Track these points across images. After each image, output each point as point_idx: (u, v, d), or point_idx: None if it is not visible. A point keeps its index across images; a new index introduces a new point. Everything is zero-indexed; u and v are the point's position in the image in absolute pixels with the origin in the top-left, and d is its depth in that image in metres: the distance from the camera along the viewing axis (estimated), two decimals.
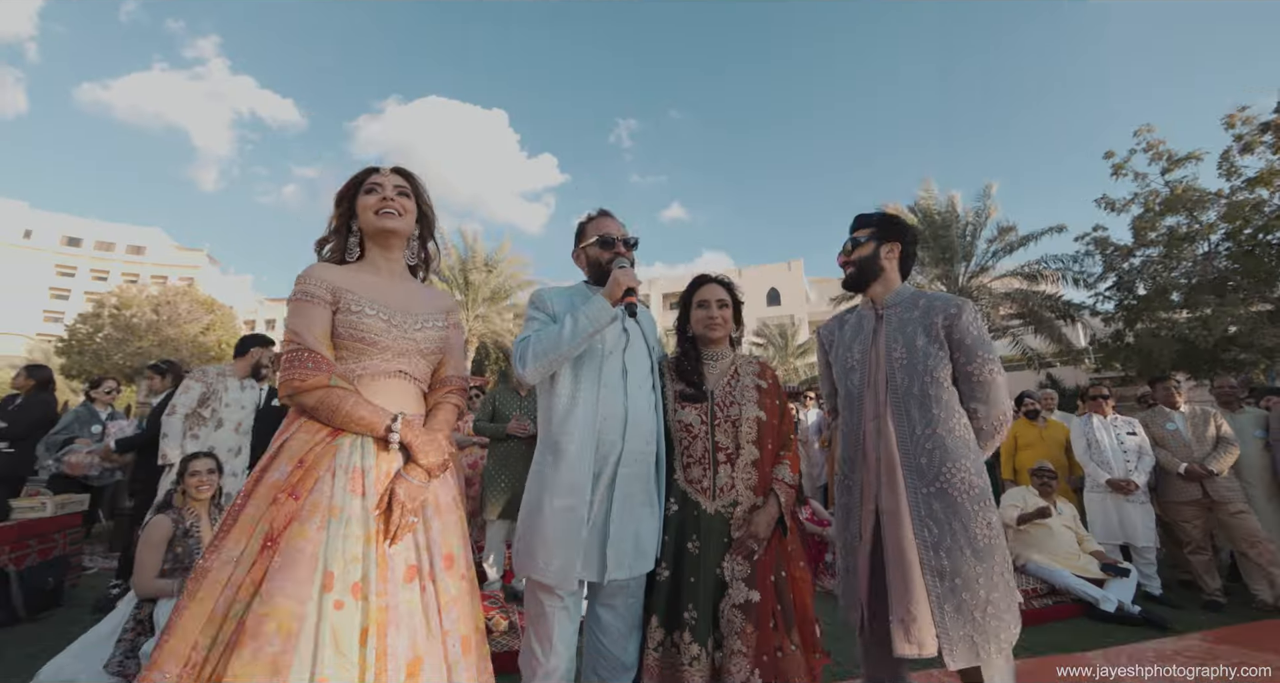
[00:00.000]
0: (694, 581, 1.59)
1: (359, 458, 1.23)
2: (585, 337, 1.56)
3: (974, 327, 1.68)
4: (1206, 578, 3.65)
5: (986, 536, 1.57)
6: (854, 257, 1.86)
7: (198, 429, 3.29)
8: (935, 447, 1.61)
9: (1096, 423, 4.13)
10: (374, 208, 1.41)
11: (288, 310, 1.33)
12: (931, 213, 14.00)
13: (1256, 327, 9.37)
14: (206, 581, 1.07)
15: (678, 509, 1.69)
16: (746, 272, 38.78)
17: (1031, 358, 14.32)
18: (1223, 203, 10.43)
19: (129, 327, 17.87)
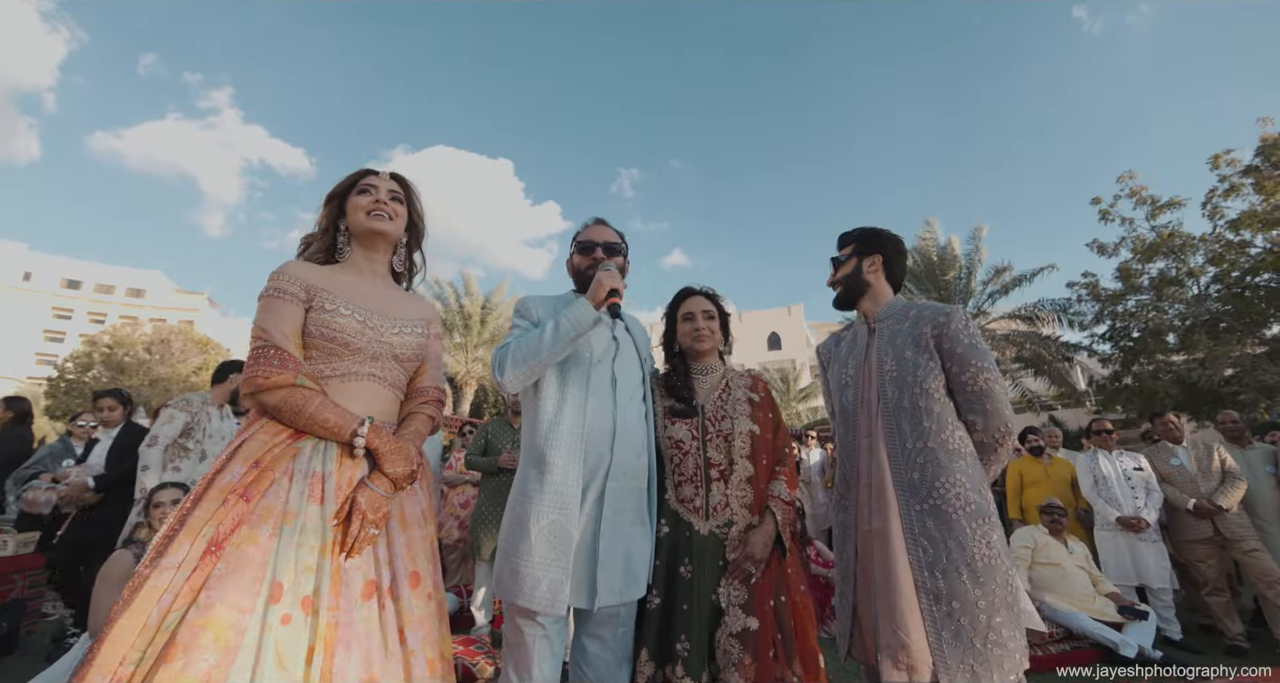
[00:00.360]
0: (687, 608, 1.48)
1: (320, 463, 1.16)
2: (567, 340, 1.49)
3: (964, 334, 1.61)
4: (1227, 621, 3.49)
5: (986, 555, 1.45)
6: (838, 276, 1.85)
7: (179, 461, 3.15)
8: (927, 461, 1.52)
9: (1102, 458, 4.07)
10: (365, 208, 1.39)
11: (258, 307, 1.28)
12: (930, 254, 14.19)
13: (1254, 366, 9.40)
14: (144, 589, 0.97)
15: (669, 531, 1.59)
16: (747, 316, 39.13)
17: (1033, 400, 14.24)
18: (1209, 246, 10.63)
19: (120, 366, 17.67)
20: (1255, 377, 9.33)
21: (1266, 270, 9.90)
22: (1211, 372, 9.66)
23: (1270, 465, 3.94)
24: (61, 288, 56.26)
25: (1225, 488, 3.66)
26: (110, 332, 18.95)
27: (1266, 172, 9.91)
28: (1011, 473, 4.67)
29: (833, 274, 1.88)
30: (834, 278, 1.87)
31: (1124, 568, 3.78)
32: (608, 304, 1.50)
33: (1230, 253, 10.31)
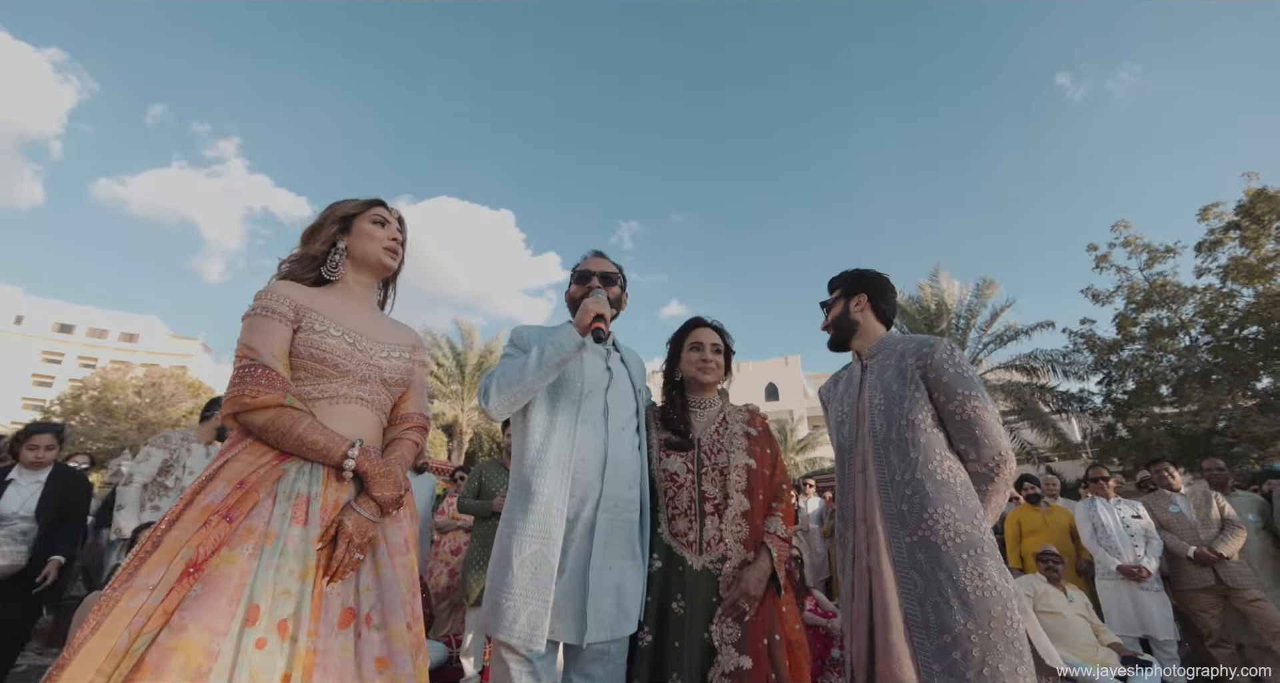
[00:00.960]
0: (679, 645, 1.45)
1: (305, 485, 1.13)
2: (552, 365, 1.49)
3: (949, 364, 1.60)
4: (1231, 670, 3.44)
5: (979, 587, 1.39)
6: (829, 319, 1.89)
7: (159, 500, 3.08)
8: (914, 492, 1.50)
9: (1100, 506, 4.07)
10: (383, 242, 1.41)
11: (243, 326, 1.24)
12: (928, 306, 14.40)
13: (1245, 418, 9.47)
14: (115, 610, 0.92)
15: (661, 566, 1.56)
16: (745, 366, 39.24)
17: (1030, 452, 14.17)
18: (1198, 297, 10.84)
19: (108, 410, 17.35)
20: (1246, 428, 9.40)
21: (1253, 322, 10.10)
22: (1204, 423, 9.71)
23: (1254, 513, 3.96)
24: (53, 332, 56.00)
25: (1225, 536, 3.67)
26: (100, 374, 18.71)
27: (1249, 226, 10.22)
28: (1010, 522, 4.64)
29: (825, 319, 1.93)
30: (826, 322, 1.92)
31: (1127, 618, 3.73)
32: (593, 329, 1.50)
33: (1219, 304, 10.52)
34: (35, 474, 2.88)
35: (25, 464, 2.87)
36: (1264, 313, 9.83)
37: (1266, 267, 9.99)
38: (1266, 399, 9.93)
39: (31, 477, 2.86)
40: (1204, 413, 9.80)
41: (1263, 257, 10.05)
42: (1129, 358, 11.62)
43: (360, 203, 1.45)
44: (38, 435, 2.93)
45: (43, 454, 2.90)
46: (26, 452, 2.86)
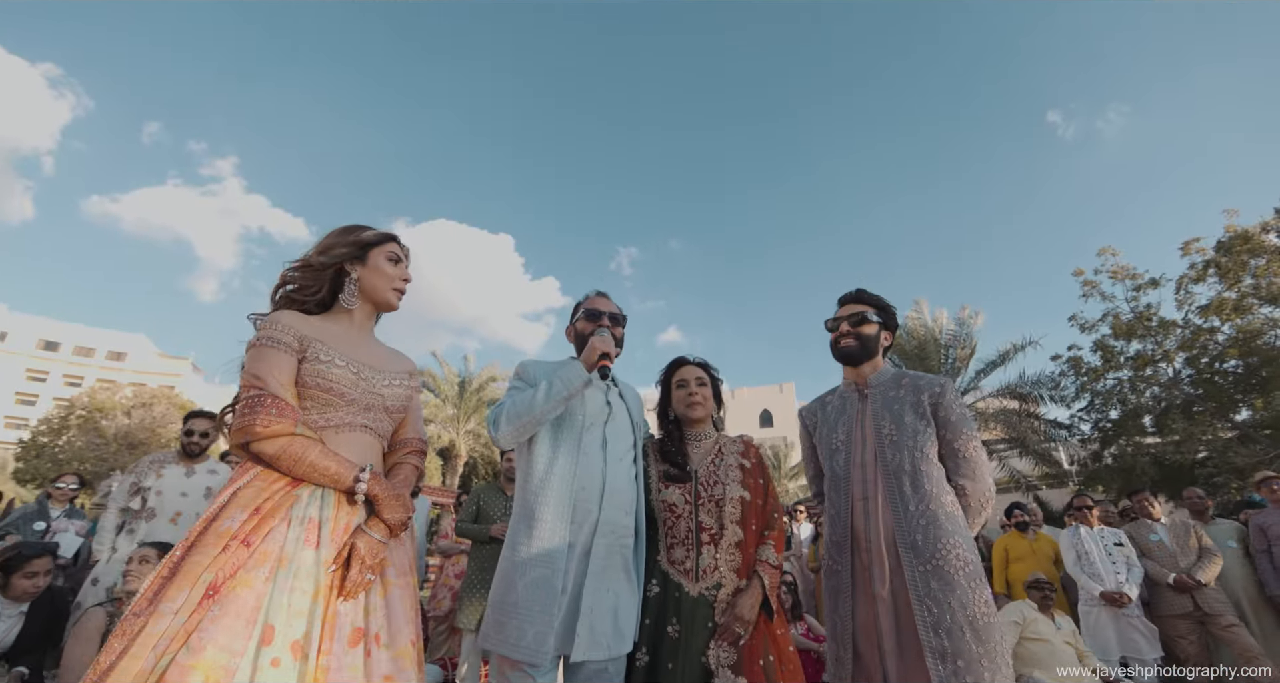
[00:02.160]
0: (672, 667, 1.52)
1: (317, 509, 1.18)
2: (559, 399, 1.57)
3: (957, 404, 1.72)
4: None
5: (985, 614, 1.52)
6: (860, 331, 1.86)
7: (134, 523, 3.04)
8: (929, 523, 1.59)
9: (1084, 534, 4.20)
10: (394, 281, 1.46)
11: (248, 356, 1.27)
12: (918, 334, 14.57)
13: (1226, 448, 9.68)
14: (141, 635, 0.97)
15: (659, 591, 1.64)
16: (739, 393, 39.42)
17: (1019, 480, 14.25)
18: (1180, 332, 11.07)
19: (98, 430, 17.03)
20: (1227, 459, 9.59)
21: (1232, 356, 10.32)
22: (1187, 453, 9.90)
23: (1234, 540, 4.12)
24: (38, 349, 55.13)
25: (1203, 563, 3.82)
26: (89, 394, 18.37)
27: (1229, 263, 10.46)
28: (997, 548, 4.76)
29: (850, 327, 1.87)
30: (855, 330, 1.86)
31: (1107, 643, 3.85)
32: (599, 366, 1.57)
33: (1200, 339, 10.75)
34: (17, 606, 2.43)
35: (14, 596, 2.41)
36: (1242, 347, 10.08)
37: (1244, 302, 10.28)
38: (1246, 431, 10.16)
39: (13, 608, 2.42)
40: (1186, 443, 10.00)
41: (1242, 293, 10.34)
42: (1113, 386, 11.82)
43: (378, 234, 1.48)
44: (36, 559, 2.53)
45: (40, 581, 2.52)
46: (22, 580, 2.42)
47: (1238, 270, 10.38)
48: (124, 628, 1.00)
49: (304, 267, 1.41)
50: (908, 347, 14.63)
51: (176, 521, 3.09)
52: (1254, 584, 3.96)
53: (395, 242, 1.50)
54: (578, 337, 1.85)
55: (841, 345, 1.89)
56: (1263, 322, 10.10)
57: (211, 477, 3.31)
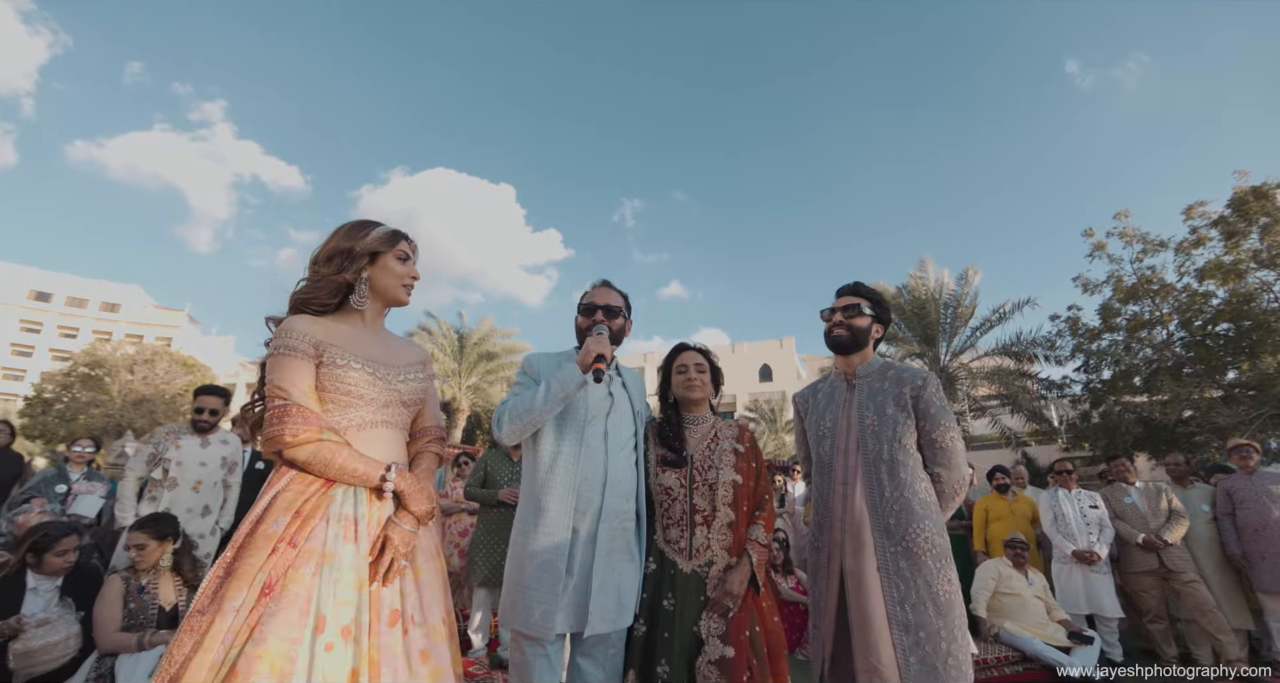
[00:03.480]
0: (668, 636, 1.66)
1: (351, 507, 1.27)
2: (557, 400, 1.67)
3: (937, 397, 1.84)
4: (1164, 646, 3.90)
5: (948, 592, 1.68)
6: (852, 322, 1.96)
7: (155, 491, 3.21)
8: (902, 509, 1.73)
9: (1062, 497, 4.42)
10: (403, 279, 1.49)
11: (269, 364, 1.32)
12: (919, 294, 14.61)
13: (1210, 409, 9.92)
14: (210, 631, 1.08)
15: (656, 568, 1.78)
16: (739, 348, 39.63)
17: (1009, 437, 14.58)
18: (1175, 295, 11.16)
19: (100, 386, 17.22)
20: (1210, 419, 9.83)
21: (1225, 320, 10.44)
22: (1171, 413, 10.13)
23: (1206, 504, 4.33)
24: (30, 300, 54.70)
25: (1171, 525, 4.06)
26: (90, 350, 18.43)
27: (1233, 223, 10.46)
28: (978, 509, 5.00)
29: (847, 316, 1.97)
30: (847, 321, 1.96)
31: (1076, 597, 4.14)
32: (593, 369, 1.64)
33: (1194, 303, 10.84)
34: (52, 580, 2.58)
35: (47, 572, 2.54)
36: (1235, 311, 10.17)
37: (1241, 267, 10.29)
38: (1230, 392, 10.38)
39: (49, 582, 2.56)
40: (1172, 404, 10.22)
41: (1238, 258, 10.32)
42: (1108, 347, 11.98)
43: (387, 236, 1.48)
44: (64, 539, 2.59)
45: (69, 558, 2.62)
46: (54, 559, 2.54)
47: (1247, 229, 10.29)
48: (191, 625, 1.11)
49: (321, 283, 1.43)
50: (908, 306, 14.66)
51: (199, 488, 3.26)
52: (1218, 545, 4.20)
53: (404, 239, 1.51)
54: (578, 330, 1.94)
55: (834, 334, 1.99)
56: (1257, 285, 10.14)
57: (225, 447, 3.46)
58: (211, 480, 3.33)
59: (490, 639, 3.89)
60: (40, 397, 18.03)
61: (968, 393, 13.99)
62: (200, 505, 3.27)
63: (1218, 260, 10.58)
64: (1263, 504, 4.00)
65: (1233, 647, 3.68)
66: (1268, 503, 3.98)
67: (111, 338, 56.41)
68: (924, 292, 14.62)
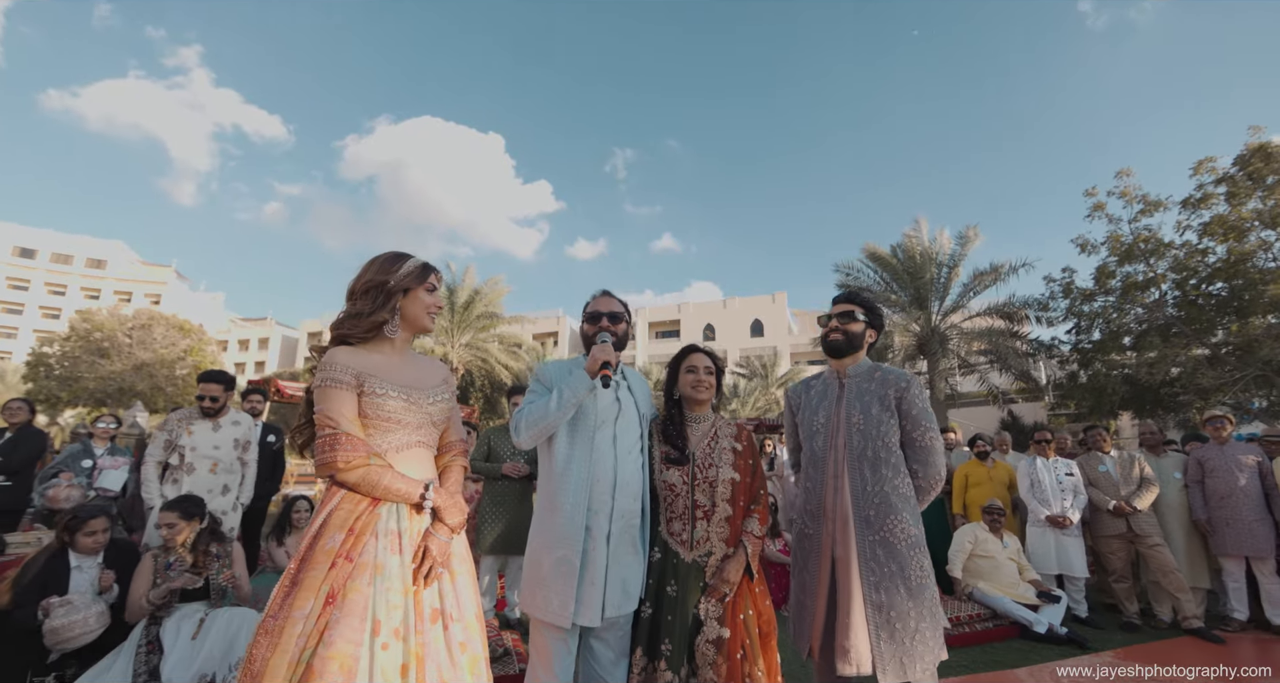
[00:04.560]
0: (671, 619, 1.81)
1: (395, 522, 1.43)
2: (568, 407, 1.80)
3: (919, 399, 1.95)
4: (1126, 603, 4.15)
5: (919, 577, 1.83)
6: (848, 328, 2.06)
7: (177, 474, 3.35)
8: (881, 502, 1.87)
9: (1040, 465, 4.59)
10: (430, 308, 1.63)
11: (316, 394, 1.46)
12: (914, 253, 14.52)
13: (1196, 370, 10.09)
14: (285, 634, 1.26)
15: (660, 557, 1.91)
16: (731, 303, 39.56)
17: (996, 395, 14.84)
18: (1173, 253, 11.14)
19: (102, 351, 17.36)
20: (1195, 380, 10.01)
21: (1220, 279, 10.46)
22: (1158, 373, 10.29)
23: (1178, 472, 4.52)
24: (14, 256, 53.71)
25: (1141, 492, 4.24)
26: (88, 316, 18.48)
27: (1240, 181, 10.34)
28: (958, 474, 5.20)
29: (839, 324, 2.07)
30: (844, 326, 2.06)
31: (1048, 558, 4.36)
32: (600, 375, 1.77)
33: (1192, 260, 10.82)
34: (93, 558, 2.78)
35: (84, 551, 2.73)
36: (1231, 270, 10.17)
37: (1245, 225, 10.21)
38: (1217, 353, 10.55)
39: (90, 560, 2.77)
40: (1159, 364, 10.37)
41: (1243, 216, 10.23)
42: (1099, 308, 12.07)
43: (418, 272, 1.60)
44: (93, 520, 2.76)
45: (100, 538, 2.78)
46: (85, 539, 2.73)
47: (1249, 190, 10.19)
48: (266, 627, 1.30)
49: (358, 318, 1.55)
50: (902, 267, 14.59)
51: (215, 470, 3.41)
52: (1186, 511, 4.40)
53: (433, 272, 1.64)
54: (584, 337, 2.02)
55: (830, 339, 2.09)
56: (1256, 245, 10.12)
57: (236, 428, 3.56)
58: (227, 461, 3.46)
59: (498, 600, 4.12)
60: (42, 362, 18.16)
61: (957, 352, 14.16)
62: (219, 485, 3.42)
63: (1221, 217, 10.48)
64: (1231, 474, 4.16)
65: (1189, 605, 3.92)
66: (1235, 473, 4.15)
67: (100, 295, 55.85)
68: (918, 251, 14.51)
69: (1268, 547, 3.99)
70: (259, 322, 60.23)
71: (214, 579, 2.78)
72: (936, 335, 14.03)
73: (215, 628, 2.56)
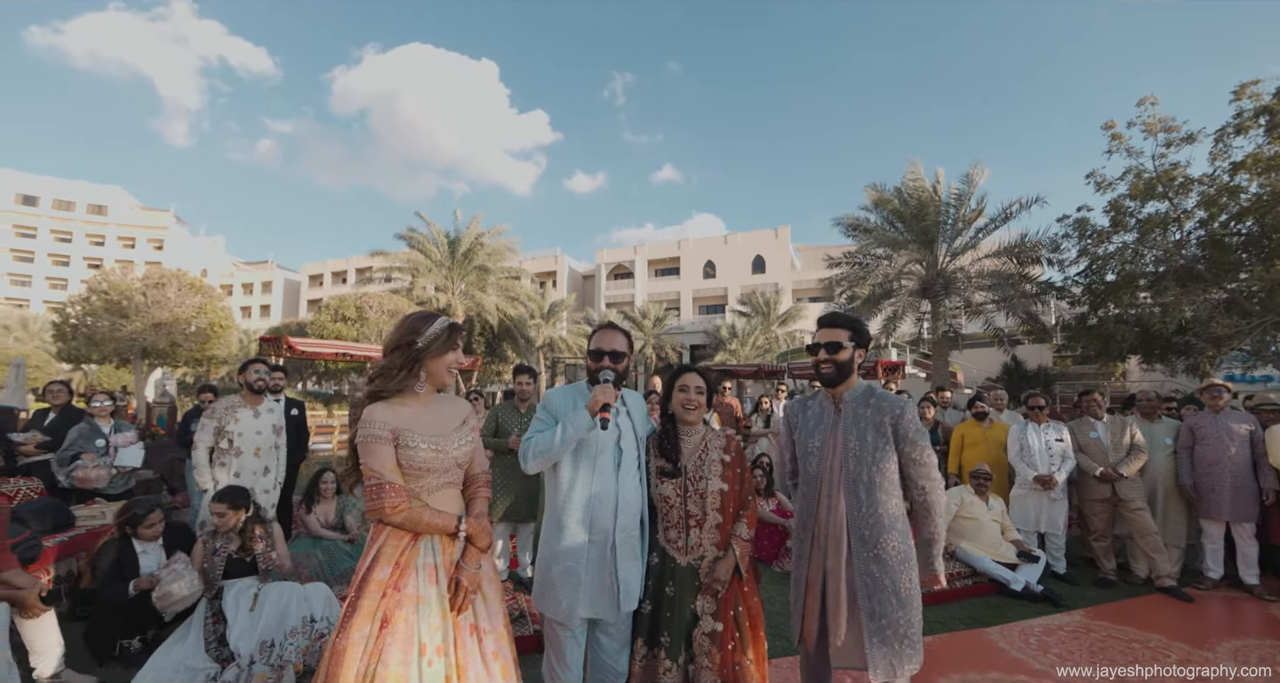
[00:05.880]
0: (669, 616, 2.06)
1: (432, 556, 1.69)
2: (571, 441, 1.99)
3: (914, 423, 2.08)
4: (1104, 560, 4.43)
5: (908, 588, 2.02)
6: (836, 358, 2.14)
7: (225, 458, 3.71)
8: (875, 522, 2.03)
9: (1030, 430, 4.73)
10: (451, 365, 1.82)
11: (360, 448, 1.70)
12: (920, 193, 14.02)
13: (1212, 316, 9.83)
14: (348, 655, 1.54)
15: (658, 561, 2.13)
16: (732, 238, 38.76)
17: (1001, 337, 14.66)
18: (1203, 188, 10.54)
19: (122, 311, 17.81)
20: (1208, 327, 9.75)
21: (1251, 217, 9.96)
22: (1171, 319, 10.03)
23: (1170, 438, 4.64)
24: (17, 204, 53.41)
25: (1128, 459, 4.40)
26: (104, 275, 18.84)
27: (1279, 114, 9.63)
28: (955, 435, 5.36)
29: (827, 355, 2.15)
30: (832, 357, 2.15)
31: (1030, 518, 4.62)
32: (600, 417, 1.95)
33: (1222, 197, 10.25)
34: (155, 542, 3.18)
35: (146, 539, 3.13)
36: (1264, 208, 9.65)
37: None
38: (1234, 298, 10.24)
39: (153, 545, 3.17)
40: (1174, 308, 10.06)
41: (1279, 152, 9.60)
42: (1115, 250, 11.64)
43: (444, 339, 1.80)
44: (150, 515, 3.15)
45: (158, 528, 3.18)
46: (146, 530, 3.12)
47: None
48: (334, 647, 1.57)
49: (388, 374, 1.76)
50: (904, 210, 14.08)
51: (259, 454, 3.83)
52: (1173, 477, 4.56)
53: (459, 331, 1.85)
54: (589, 373, 2.17)
55: (822, 372, 2.18)
56: None
57: (272, 415, 3.97)
58: (267, 445, 3.87)
59: (510, 559, 4.44)
60: (67, 322, 18.72)
61: (963, 295, 13.91)
62: (261, 467, 3.84)
63: (1258, 152, 9.87)
64: (1221, 441, 4.28)
65: (1164, 564, 4.17)
66: (1226, 441, 4.26)
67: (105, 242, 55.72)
68: (923, 191, 13.92)
69: (1249, 513, 4.17)
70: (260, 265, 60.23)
71: (260, 558, 3.14)
72: (942, 278, 13.78)
73: (269, 601, 2.90)
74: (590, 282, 42.27)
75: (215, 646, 2.75)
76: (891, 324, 14.44)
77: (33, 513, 3.65)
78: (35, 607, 2.63)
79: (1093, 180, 11.91)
